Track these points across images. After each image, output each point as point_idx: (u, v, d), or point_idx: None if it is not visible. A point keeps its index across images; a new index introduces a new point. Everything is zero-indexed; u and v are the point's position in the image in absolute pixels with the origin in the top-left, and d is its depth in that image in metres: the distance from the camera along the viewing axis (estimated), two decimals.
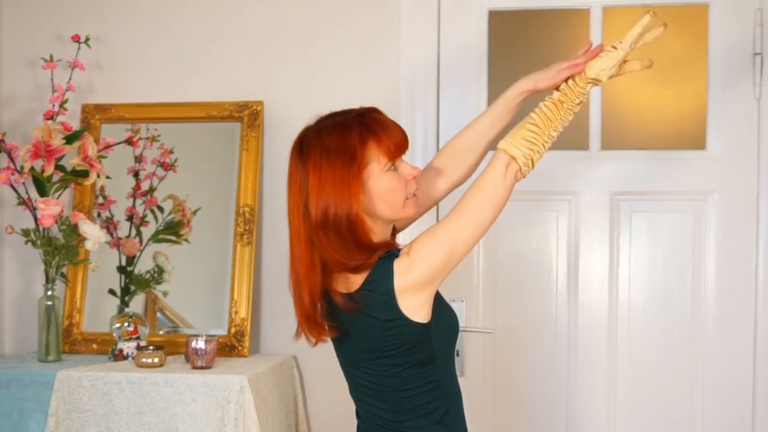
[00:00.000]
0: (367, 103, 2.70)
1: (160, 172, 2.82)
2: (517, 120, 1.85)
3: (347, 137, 1.70)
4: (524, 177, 1.74)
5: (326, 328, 1.78)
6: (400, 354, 1.72)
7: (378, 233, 1.77)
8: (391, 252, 1.72)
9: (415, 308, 1.70)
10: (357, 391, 1.83)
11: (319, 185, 1.69)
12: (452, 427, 1.80)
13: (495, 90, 2.75)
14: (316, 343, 1.81)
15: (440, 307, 1.80)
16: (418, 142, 2.71)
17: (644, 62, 1.82)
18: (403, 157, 1.78)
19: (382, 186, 1.72)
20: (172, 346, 2.67)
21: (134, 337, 2.59)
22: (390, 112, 2.71)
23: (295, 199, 1.73)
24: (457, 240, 1.69)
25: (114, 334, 2.61)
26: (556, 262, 2.74)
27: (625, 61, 1.78)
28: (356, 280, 1.72)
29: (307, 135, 1.75)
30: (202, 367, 2.43)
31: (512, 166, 1.71)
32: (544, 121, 1.73)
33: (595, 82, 1.75)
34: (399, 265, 1.69)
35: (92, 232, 2.57)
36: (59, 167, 2.56)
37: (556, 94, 1.74)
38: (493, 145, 1.87)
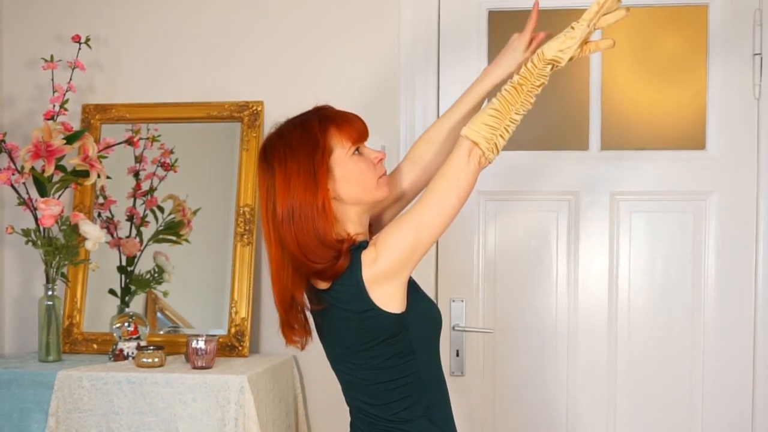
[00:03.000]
0: (367, 105, 2.73)
1: (161, 172, 2.82)
2: None
3: (308, 129, 1.75)
4: (490, 162, 1.73)
5: (299, 329, 1.83)
6: (377, 346, 1.75)
7: (354, 221, 1.80)
8: (360, 244, 1.75)
9: (386, 298, 1.72)
10: (346, 388, 1.87)
11: (284, 181, 1.73)
12: (438, 422, 1.82)
13: (495, 91, 2.75)
14: (292, 345, 1.87)
15: (417, 298, 1.81)
16: None
17: (606, 42, 1.81)
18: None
19: (350, 170, 1.76)
20: (172, 346, 2.67)
21: (134, 337, 2.59)
22: (389, 112, 2.76)
23: (264, 203, 1.78)
24: (422, 228, 1.70)
25: (114, 334, 2.61)
26: (556, 262, 2.74)
27: (586, 42, 1.77)
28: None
29: (269, 139, 1.81)
30: (202, 367, 2.43)
31: (475, 151, 1.71)
32: (504, 105, 1.72)
33: (555, 62, 1.73)
34: (366, 256, 1.71)
35: (92, 232, 2.57)
36: (60, 167, 2.56)
37: (515, 78, 1.74)
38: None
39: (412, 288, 1.81)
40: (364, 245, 1.74)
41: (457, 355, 2.74)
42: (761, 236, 2.64)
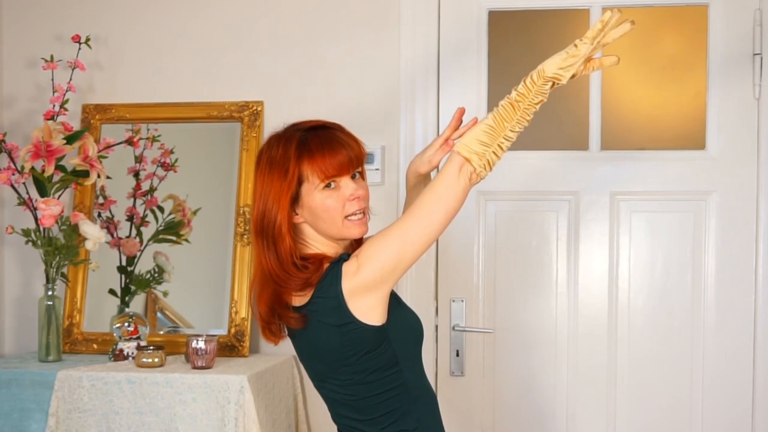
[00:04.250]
0: (368, 103, 2.74)
1: (161, 172, 2.82)
2: None
3: (286, 151, 1.72)
4: (481, 179, 1.70)
5: (278, 331, 1.81)
6: (360, 360, 1.72)
7: (329, 245, 1.77)
8: (341, 257, 1.73)
9: (367, 311, 1.69)
10: (332, 406, 1.84)
11: (260, 192, 1.74)
12: None
13: (495, 91, 2.75)
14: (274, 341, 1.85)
15: (398, 309, 1.79)
16: (419, 143, 2.71)
17: (611, 59, 1.77)
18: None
19: (315, 203, 1.72)
20: (172, 346, 2.67)
21: (134, 337, 2.59)
22: (389, 112, 2.75)
23: (252, 201, 1.81)
24: (406, 242, 1.67)
25: (114, 334, 2.61)
26: (556, 262, 2.74)
27: (589, 60, 1.74)
28: (309, 291, 1.72)
29: (264, 144, 1.79)
30: (202, 367, 2.43)
31: (466, 168, 1.67)
32: (499, 121, 1.68)
33: (555, 80, 1.68)
34: (347, 268, 1.69)
35: (92, 232, 2.57)
36: (60, 167, 2.56)
37: (513, 94, 1.69)
38: None
39: (394, 299, 1.78)
40: (344, 258, 1.72)
41: (457, 355, 2.74)
42: (761, 236, 2.64)
